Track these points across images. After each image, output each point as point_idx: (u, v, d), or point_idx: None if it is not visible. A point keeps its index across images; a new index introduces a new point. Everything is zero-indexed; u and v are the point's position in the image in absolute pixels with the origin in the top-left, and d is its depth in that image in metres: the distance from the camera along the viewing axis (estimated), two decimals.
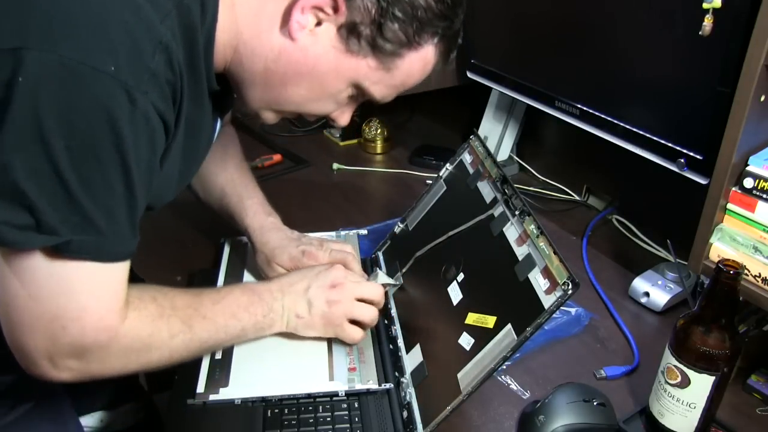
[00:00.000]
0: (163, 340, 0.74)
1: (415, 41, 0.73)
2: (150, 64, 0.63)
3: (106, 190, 0.63)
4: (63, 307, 0.65)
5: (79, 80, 0.59)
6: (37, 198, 0.60)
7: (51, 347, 0.67)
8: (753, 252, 0.83)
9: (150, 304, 0.73)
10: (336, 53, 0.73)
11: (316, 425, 0.80)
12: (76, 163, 0.60)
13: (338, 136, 1.62)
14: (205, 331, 0.78)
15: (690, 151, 0.96)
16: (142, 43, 0.62)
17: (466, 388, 0.75)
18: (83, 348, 0.68)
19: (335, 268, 0.91)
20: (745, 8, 0.80)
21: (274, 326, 0.87)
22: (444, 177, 1.04)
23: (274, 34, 0.73)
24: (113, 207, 0.64)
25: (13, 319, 0.66)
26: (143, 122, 0.63)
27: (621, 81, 1.06)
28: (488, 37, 1.31)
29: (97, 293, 0.67)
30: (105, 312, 0.68)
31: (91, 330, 0.67)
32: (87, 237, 0.63)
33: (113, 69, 0.60)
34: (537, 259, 0.76)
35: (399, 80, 0.77)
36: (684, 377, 0.75)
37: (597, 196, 1.35)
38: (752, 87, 0.77)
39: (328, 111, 0.81)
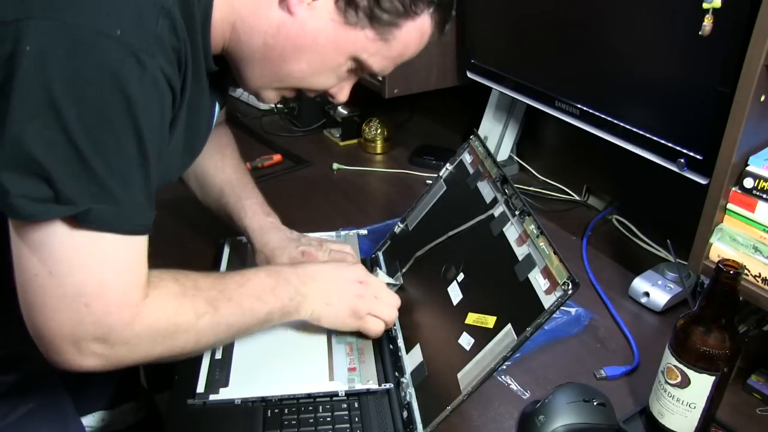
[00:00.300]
0: (188, 321, 0.72)
1: (412, 11, 0.74)
2: (155, 29, 0.63)
3: (121, 155, 0.62)
4: (85, 283, 0.64)
5: (85, 45, 0.59)
6: (53, 168, 0.59)
7: (75, 328, 0.65)
8: (753, 252, 0.83)
9: (171, 284, 0.72)
10: (334, 26, 0.73)
11: (316, 425, 0.80)
12: (89, 130, 0.60)
13: (338, 136, 1.62)
14: (231, 314, 0.76)
15: (690, 151, 0.96)
16: (146, 8, 0.62)
17: (466, 388, 0.75)
18: (108, 328, 0.66)
19: (358, 266, 0.92)
20: (745, 8, 0.80)
21: (301, 311, 0.85)
22: (444, 177, 1.04)
23: (273, 10, 0.73)
24: (129, 173, 0.63)
25: (35, 302, 0.64)
26: (152, 85, 0.63)
27: (621, 81, 1.06)
28: (488, 37, 1.31)
29: (118, 267, 0.66)
30: (127, 286, 0.67)
31: (114, 306, 0.66)
32: (105, 206, 0.62)
33: (119, 33, 0.60)
34: (537, 259, 0.76)
35: (397, 51, 0.78)
36: (684, 377, 0.75)
37: (597, 196, 1.35)
38: (752, 87, 0.77)
39: (328, 85, 0.81)
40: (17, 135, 0.58)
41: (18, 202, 0.59)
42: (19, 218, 0.61)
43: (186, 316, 0.72)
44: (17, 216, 0.61)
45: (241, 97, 1.85)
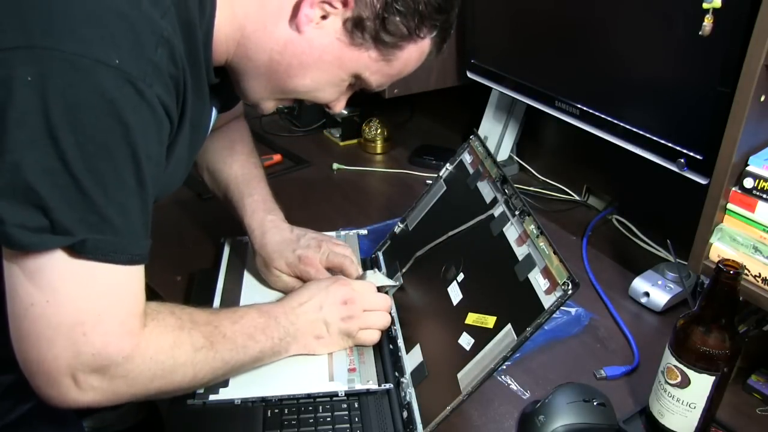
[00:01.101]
0: (186, 354, 0.71)
1: (416, 34, 0.76)
2: (153, 57, 0.63)
3: (119, 184, 0.62)
4: (83, 311, 0.63)
5: (84, 74, 0.59)
6: (50, 197, 0.59)
7: (73, 360, 0.63)
8: (753, 252, 0.83)
9: (168, 317, 0.72)
10: (340, 45, 0.75)
11: (316, 425, 0.80)
12: (88, 158, 0.60)
13: (338, 136, 1.62)
14: (226, 350, 0.76)
15: (690, 151, 0.96)
16: (144, 36, 0.63)
17: (466, 388, 0.75)
18: (107, 358, 0.64)
19: (341, 283, 0.91)
20: (745, 8, 0.80)
21: (290, 350, 0.85)
22: (444, 177, 1.04)
23: (280, 27, 0.74)
24: (126, 202, 0.63)
25: (30, 333, 0.63)
26: (150, 113, 0.63)
27: (621, 81, 1.06)
28: (488, 37, 1.31)
29: (116, 296, 0.65)
30: (125, 316, 0.66)
31: (113, 336, 0.64)
32: (103, 236, 0.62)
33: (117, 62, 0.60)
34: (537, 259, 0.76)
35: (396, 70, 0.80)
36: (684, 377, 0.75)
37: (597, 196, 1.35)
38: (752, 87, 0.77)
39: (328, 99, 0.83)
40: (15, 163, 0.58)
41: (14, 231, 0.59)
42: (14, 248, 0.60)
43: (184, 349, 0.71)
44: (13, 246, 0.60)
45: None
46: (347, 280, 0.93)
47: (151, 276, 1.04)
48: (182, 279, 1.07)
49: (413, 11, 0.74)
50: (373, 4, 0.73)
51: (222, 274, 1.04)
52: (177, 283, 1.06)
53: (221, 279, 1.03)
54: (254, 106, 0.85)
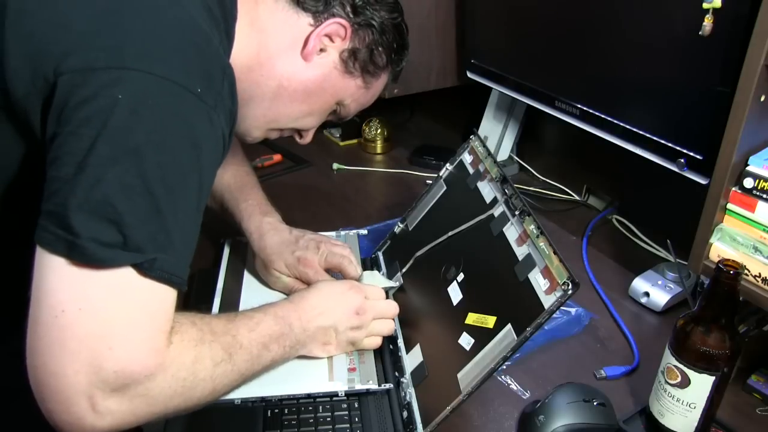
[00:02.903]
0: (206, 369, 0.69)
1: (389, 65, 0.89)
2: (221, 90, 0.67)
3: (187, 207, 0.64)
4: (113, 323, 0.61)
5: (173, 98, 0.62)
6: (128, 213, 0.59)
7: (93, 375, 0.59)
8: (753, 252, 0.83)
9: (191, 329, 0.69)
10: (336, 74, 0.84)
11: (316, 425, 0.80)
12: (166, 179, 0.61)
13: (338, 136, 1.62)
14: (243, 362, 0.74)
15: (690, 151, 0.96)
16: (215, 69, 0.67)
17: (466, 388, 0.75)
18: (129, 377, 0.61)
19: (355, 290, 0.90)
20: (745, 8, 0.80)
21: (296, 354, 0.85)
22: (444, 177, 1.04)
23: (292, 56, 0.81)
24: (187, 226, 0.65)
25: (54, 342, 0.59)
26: (215, 142, 0.67)
27: (621, 81, 1.06)
28: (488, 37, 1.31)
29: (151, 313, 0.63)
30: (155, 332, 0.64)
31: (139, 352, 0.62)
32: (166, 256, 0.62)
33: (200, 90, 0.64)
34: (537, 259, 0.76)
35: (368, 98, 0.91)
36: (684, 377, 0.75)
37: (597, 196, 1.35)
38: (752, 87, 0.77)
39: (311, 126, 0.90)
40: (96, 177, 0.59)
41: (88, 245, 0.58)
42: (86, 261, 0.59)
43: (204, 364, 0.69)
44: (85, 259, 0.59)
45: None
46: (360, 287, 0.92)
47: None
48: None
49: (390, 47, 0.86)
50: (365, 38, 0.84)
51: (222, 274, 1.04)
52: None
53: (221, 279, 1.03)
54: (242, 135, 0.88)
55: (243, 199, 1.03)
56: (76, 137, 0.59)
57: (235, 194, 1.04)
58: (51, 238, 0.59)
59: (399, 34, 0.88)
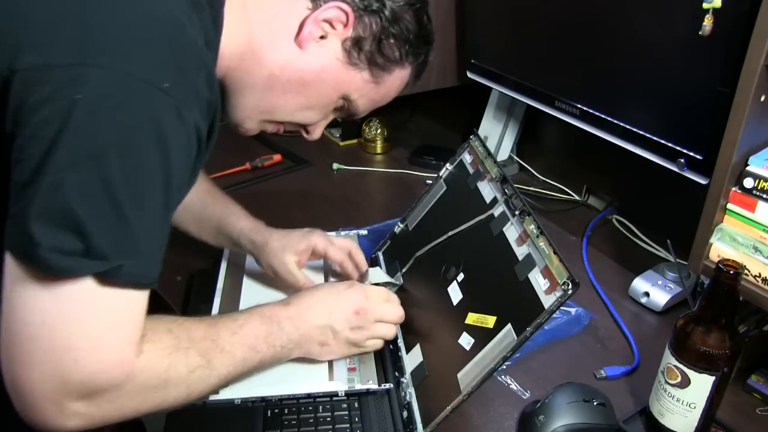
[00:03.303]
0: (180, 376, 0.68)
1: (405, 59, 0.81)
2: (195, 83, 0.63)
3: (152, 209, 0.61)
4: (79, 336, 0.60)
5: (137, 96, 0.58)
6: (89, 220, 0.57)
7: (59, 385, 0.60)
8: (753, 252, 0.83)
9: (165, 336, 0.68)
10: (338, 65, 0.77)
11: (316, 425, 0.80)
12: (129, 182, 0.58)
13: (338, 136, 1.62)
14: (224, 366, 0.73)
15: (690, 151, 0.96)
16: (189, 61, 0.63)
17: (466, 388, 0.75)
18: (96, 386, 0.61)
19: (355, 289, 0.89)
20: (745, 8, 0.80)
21: (292, 355, 0.83)
22: (444, 177, 1.04)
23: (285, 43, 0.75)
24: (154, 227, 0.62)
25: (20, 353, 0.59)
26: (185, 139, 0.62)
27: (621, 81, 1.06)
28: (488, 37, 1.31)
29: (118, 322, 0.62)
30: (123, 344, 0.63)
31: (106, 364, 0.61)
32: (133, 261, 0.60)
33: (167, 85, 0.59)
34: (537, 259, 0.76)
35: (381, 95, 0.83)
36: (684, 377, 0.75)
37: (597, 196, 1.35)
38: (752, 87, 0.77)
39: (312, 121, 0.83)
40: (55, 184, 0.56)
41: (49, 255, 0.56)
42: (48, 272, 0.57)
43: (178, 371, 0.68)
44: (47, 270, 0.57)
45: None
46: (362, 287, 0.91)
47: None
48: (182, 279, 1.07)
49: (405, 39, 0.79)
50: (371, 26, 0.76)
51: (222, 274, 1.04)
52: (177, 283, 1.06)
53: (221, 279, 1.03)
54: (235, 126, 0.82)
55: (231, 202, 1.02)
56: (35, 141, 0.56)
57: (219, 196, 1.02)
58: (15, 244, 0.58)
59: (417, 23, 0.79)
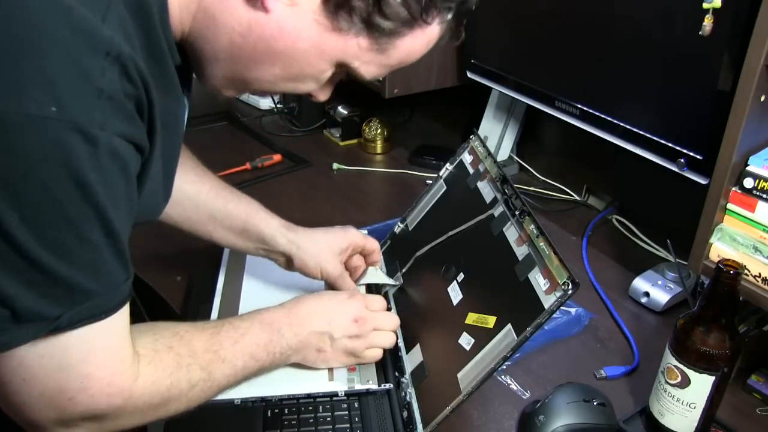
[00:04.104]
0: (182, 392, 0.67)
1: (422, 18, 0.62)
2: (101, 86, 0.51)
3: (85, 248, 0.54)
4: (64, 381, 0.58)
5: (15, 135, 0.48)
6: (6, 285, 0.51)
7: (62, 416, 0.59)
8: (753, 252, 0.83)
9: (166, 355, 0.66)
10: (319, 30, 0.62)
11: (316, 425, 0.80)
12: (41, 233, 0.51)
13: (338, 136, 1.62)
14: (224, 376, 0.73)
15: (690, 151, 0.96)
16: (86, 62, 0.50)
17: (466, 388, 0.75)
18: (97, 413, 0.61)
19: (355, 299, 0.88)
20: (745, 8, 0.80)
21: (289, 360, 0.83)
22: (444, 177, 1.04)
23: (241, 3, 0.61)
24: (96, 261, 0.55)
25: (12, 401, 0.57)
26: (110, 159, 0.52)
27: (621, 81, 1.06)
28: (488, 37, 1.31)
29: (98, 358, 0.59)
30: (113, 375, 0.60)
31: (101, 396, 0.60)
32: (79, 306, 0.55)
33: (55, 110, 0.48)
34: (537, 259, 0.76)
35: (396, 60, 0.66)
36: (684, 377, 0.75)
37: (597, 196, 1.35)
38: (752, 87, 0.77)
39: (305, 91, 0.70)
40: None
41: None
42: None
43: (179, 388, 0.67)
44: None
45: (241, 96, 1.85)
46: (362, 295, 0.91)
47: (151, 276, 1.05)
48: (182, 279, 1.07)
49: None
50: None
51: (222, 274, 1.04)
52: (177, 283, 1.06)
53: (221, 279, 1.03)
54: (212, 92, 0.70)
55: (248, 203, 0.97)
56: None
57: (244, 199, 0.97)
58: None
59: None
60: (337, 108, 1.62)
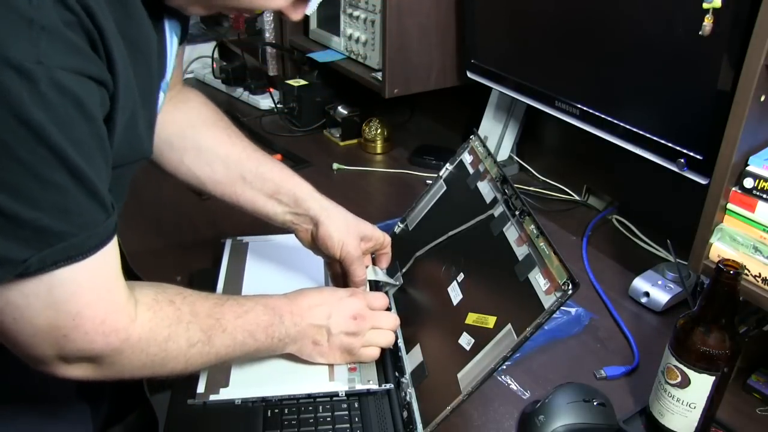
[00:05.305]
0: (180, 348, 0.68)
1: None
2: (30, 15, 0.48)
3: (47, 190, 0.53)
4: (54, 319, 0.58)
5: None
6: None
7: (60, 353, 0.60)
8: (753, 252, 0.83)
9: (167, 307, 0.68)
10: None
11: (316, 425, 0.80)
12: None
13: (338, 136, 1.62)
14: (224, 346, 0.74)
15: (690, 151, 0.96)
16: None
17: (466, 388, 0.75)
18: (95, 353, 0.62)
19: (357, 297, 0.88)
20: (745, 8, 0.80)
21: (286, 349, 0.83)
22: (444, 177, 1.04)
23: None
24: (66, 204, 0.54)
25: (10, 339, 0.59)
26: (57, 96, 0.51)
27: (621, 81, 1.06)
28: (488, 37, 1.31)
29: (87, 297, 0.59)
30: (105, 313, 0.61)
31: (97, 335, 0.60)
32: (49, 247, 0.54)
33: None
34: (537, 259, 0.76)
35: None
36: (684, 377, 0.75)
37: (597, 196, 1.35)
38: (752, 87, 0.77)
39: (276, 7, 0.67)
40: None
41: None
42: None
43: (178, 344, 0.68)
44: None
45: (241, 97, 1.85)
46: (363, 294, 0.91)
47: (151, 276, 1.05)
48: (182, 279, 1.07)
49: None
50: None
51: (222, 274, 1.04)
52: (177, 283, 1.06)
53: (221, 279, 1.03)
54: (178, 9, 0.68)
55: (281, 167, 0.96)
56: None
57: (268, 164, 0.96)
58: None
59: None
60: (337, 108, 1.62)
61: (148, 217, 1.23)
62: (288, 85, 1.66)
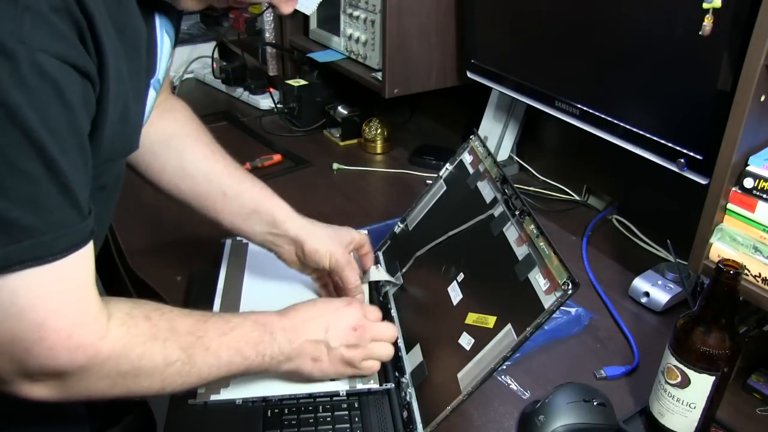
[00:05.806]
0: (155, 366, 0.64)
1: None
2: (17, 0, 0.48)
3: (18, 178, 0.51)
4: (17, 329, 0.54)
5: None
6: None
7: (21, 369, 0.56)
8: (753, 252, 0.83)
9: (143, 323, 0.64)
10: None
11: (316, 425, 0.80)
12: None
13: (338, 136, 1.62)
14: (206, 365, 0.69)
15: (690, 151, 0.96)
16: None
17: (466, 388, 0.75)
18: (59, 369, 0.57)
19: (353, 306, 0.85)
20: (745, 8, 0.80)
21: (282, 368, 0.78)
22: (444, 177, 1.04)
23: None
24: (37, 197, 0.52)
25: None
26: (37, 80, 0.49)
27: (621, 81, 1.06)
28: (488, 37, 1.31)
29: (52, 306, 0.55)
30: (72, 326, 0.57)
31: (61, 350, 0.56)
32: (16, 244, 0.52)
33: None
34: (537, 259, 0.76)
35: None
36: (684, 377, 0.75)
37: (597, 196, 1.35)
38: (752, 87, 0.77)
39: None
40: None
41: None
42: None
43: (153, 362, 0.64)
44: None
45: (241, 97, 1.85)
46: (359, 304, 0.88)
47: (151, 276, 1.06)
48: (182, 279, 1.07)
49: None
50: None
51: (222, 274, 1.04)
52: (177, 283, 1.06)
53: (221, 279, 1.03)
54: (171, 2, 0.68)
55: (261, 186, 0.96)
56: None
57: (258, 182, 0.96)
58: None
59: None
60: (337, 108, 1.62)
61: (148, 217, 1.23)
62: (288, 85, 1.67)
